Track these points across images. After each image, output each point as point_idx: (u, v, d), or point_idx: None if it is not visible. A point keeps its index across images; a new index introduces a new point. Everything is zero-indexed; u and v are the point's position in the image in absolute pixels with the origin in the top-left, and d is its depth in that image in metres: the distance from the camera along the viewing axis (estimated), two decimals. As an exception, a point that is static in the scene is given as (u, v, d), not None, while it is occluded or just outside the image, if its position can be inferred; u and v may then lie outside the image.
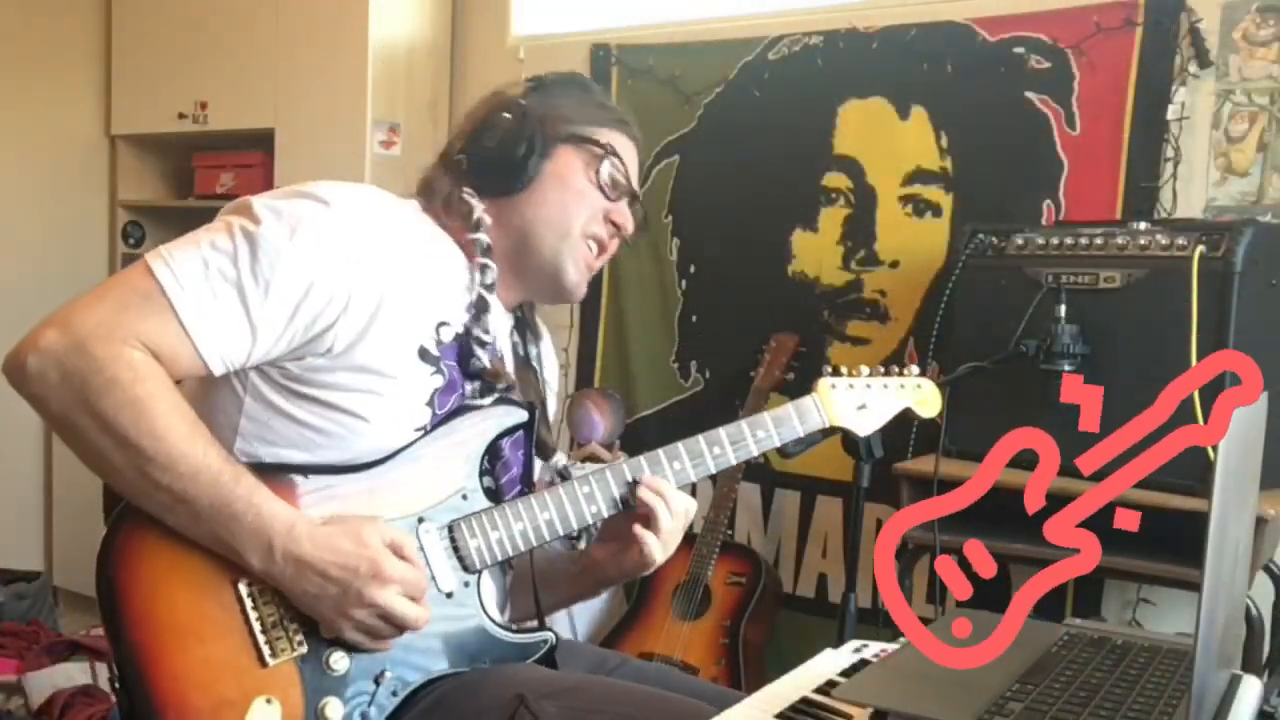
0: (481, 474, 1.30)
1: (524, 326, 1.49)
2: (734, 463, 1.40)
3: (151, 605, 1.16)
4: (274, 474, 1.20)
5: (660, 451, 1.38)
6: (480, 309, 1.33)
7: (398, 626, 1.18)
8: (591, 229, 1.38)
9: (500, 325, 1.40)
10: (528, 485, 1.39)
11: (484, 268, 1.34)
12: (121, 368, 1.12)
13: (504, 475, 1.37)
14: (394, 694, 1.21)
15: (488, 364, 1.32)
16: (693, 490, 2.86)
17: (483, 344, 1.32)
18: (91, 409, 1.12)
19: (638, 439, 3.26)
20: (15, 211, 3.90)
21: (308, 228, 1.19)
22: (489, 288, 1.34)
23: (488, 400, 1.33)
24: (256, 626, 1.17)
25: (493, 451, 1.33)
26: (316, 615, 1.18)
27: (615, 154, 1.39)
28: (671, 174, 3.20)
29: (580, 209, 1.37)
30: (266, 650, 1.17)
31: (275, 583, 1.17)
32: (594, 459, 3.15)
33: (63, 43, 3.99)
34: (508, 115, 1.35)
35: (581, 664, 1.43)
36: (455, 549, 1.25)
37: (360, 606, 1.16)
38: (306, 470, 1.22)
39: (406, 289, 1.25)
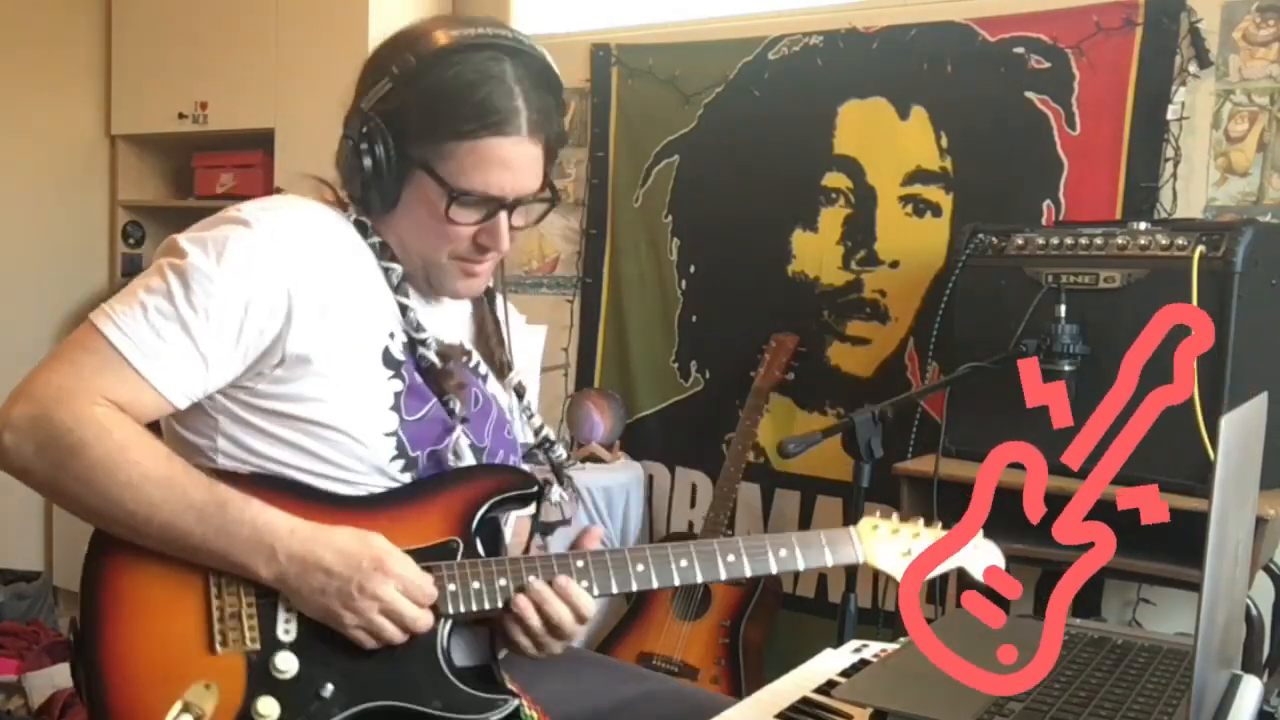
0: (482, 524, 1.29)
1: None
2: (748, 574, 1.33)
3: (123, 577, 1.20)
4: (257, 490, 1.21)
5: (668, 546, 1.30)
6: (403, 311, 1.31)
7: (399, 626, 1.19)
8: (459, 253, 1.32)
9: (436, 314, 1.38)
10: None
11: (387, 271, 1.32)
12: (87, 426, 1.15)
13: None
14: (337, 709, 1.19)
15: (435, 360, 1.31)
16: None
17: (423, 342, 1.31)
18: (70, 472, 1.15)
19: (638, 439, 3.27)
20: (15, 211, 3.90)
21: (233, 249, 1.20)
22: (399, 289, 1.32)
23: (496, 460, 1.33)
24: (215, 614, 1.19)
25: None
26: (323, 612, 1.18)
27: (459, 193, 1.27)
28: (671, 174, 3.20)
29: (439, 242, 1.31)
30: (218, 638, 1.18)
31: (283, 586, 1.18)
32: (594, 459, 3.16)
33: (63, 43, 3.99)
34: (364, 133, 1.29)
35: (588, 678, 1.44)
36: None
37: (363, 598, 1.17)
38: (291, 493, 1.23)
39: (348, 294, 1.26)
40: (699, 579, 1.31)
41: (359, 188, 1.31)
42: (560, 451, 1.46)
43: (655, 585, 1.29)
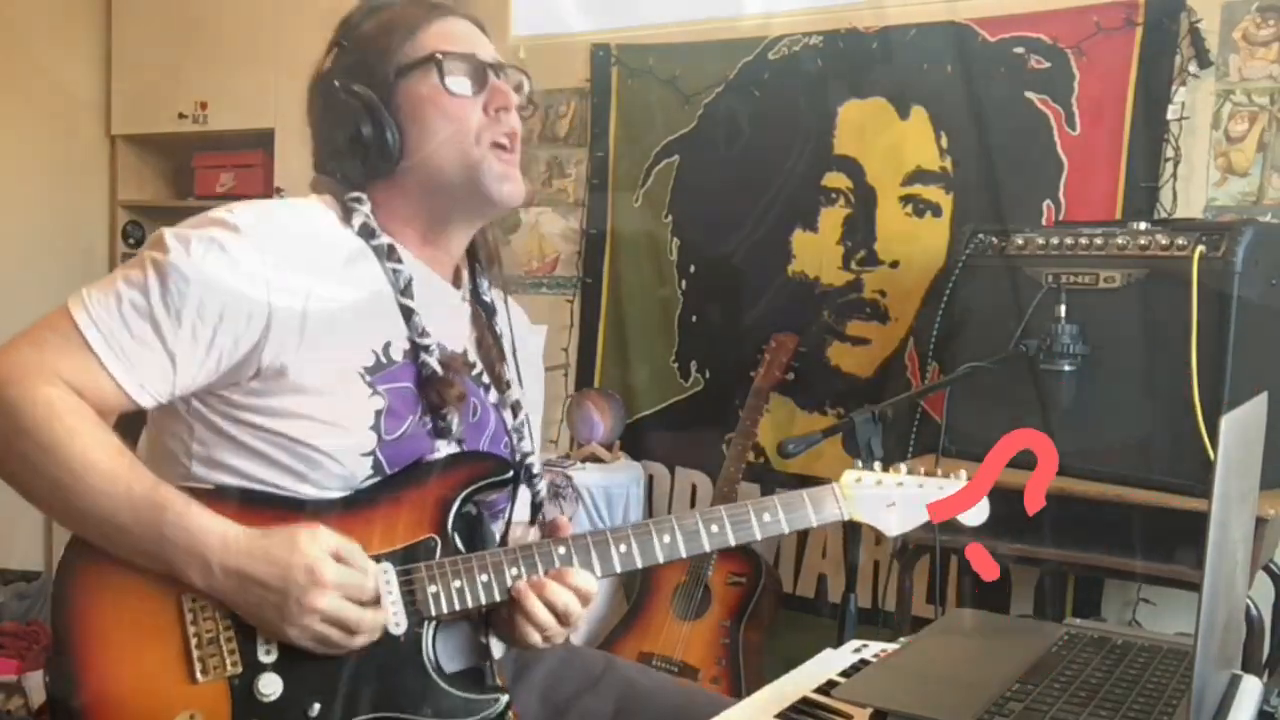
0: (459, 517, 1.26)
1: (475, 283, 1.43)
2: (732, 543, 1.31)
3: (94, 610, 1.17)
4: (227, 501, 1.19)
5: (650, 522, 1.29)
6: (406, 315, 1.28)
7: (346, 631, 1.16)
8: (485, 136, 1.29)
9: (440, 321, 1.34)
10: (508, 530, 1.35)
11: (396, 273, 1.29)
12: (39, 406, 1.12)
13: (493, 516, 1.34)
14: None
15: (437, 368, 1.28)
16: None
17: (426, 349, 1.28)
18: (15, 451, 1.13)
19: (638, 439, 3.27)
20: (15, 211, 3.90)
21: (215, 254, 1.17)
22: (405, 291, 1.28)
23: (462, 447, 1.29)
24: (193, 641, 1.16)
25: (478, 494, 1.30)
26: (265, 626, 1.16)
27: (442, 54, 1.28)
28: (671, 174, 3.20)
29: (460, 127, 1.28)
30: (198, 666, 1.16)
31: (220, 597, 1.16)
32: (594, 459, 3.16)
33: (63, 43, 3.99)
34: (336, 102, 1.29)
35: (576, 670, 1.42)
36: (411, 592, 1.21)
37: (303, 613, 1.13)
38: (263, 503, 1.20)
39: (335, 307, 1.23)
40: (683, 553, 1.28)
41: (359, 160, 1.28)
42: (541, 488, 1.43)
43: (640, 564, 1.27)
